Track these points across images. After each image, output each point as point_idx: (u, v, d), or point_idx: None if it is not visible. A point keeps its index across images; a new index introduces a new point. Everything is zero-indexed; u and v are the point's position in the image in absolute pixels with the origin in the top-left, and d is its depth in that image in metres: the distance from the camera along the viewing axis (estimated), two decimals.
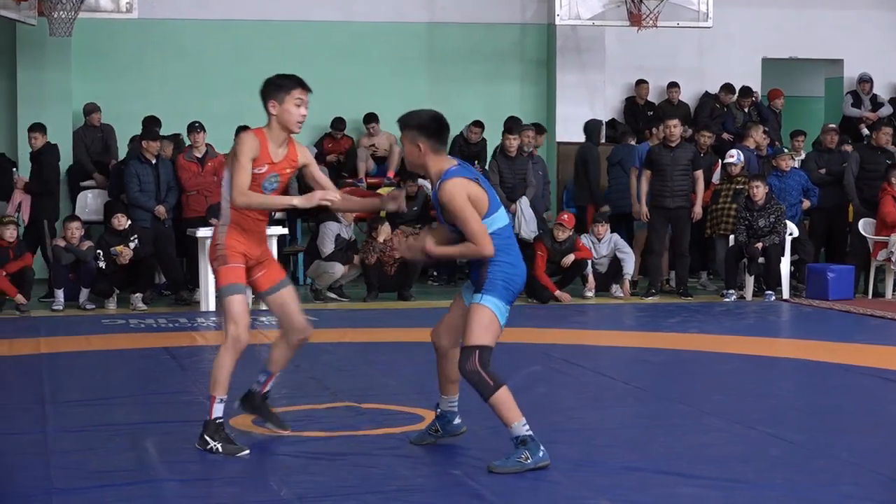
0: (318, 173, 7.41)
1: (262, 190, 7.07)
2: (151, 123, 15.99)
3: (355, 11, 18.48)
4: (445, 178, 6.71)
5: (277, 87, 7.21)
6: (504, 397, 6.73)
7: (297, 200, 7.05)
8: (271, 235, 14.05)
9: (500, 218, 6.82)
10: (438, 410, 7.30)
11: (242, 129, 11.05)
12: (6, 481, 6.57)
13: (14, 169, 15.16)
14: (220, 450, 7.00)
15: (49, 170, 15.37)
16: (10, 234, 13.98)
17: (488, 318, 6.75)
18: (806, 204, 15.94)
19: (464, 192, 6.69)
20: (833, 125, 17.71)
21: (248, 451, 7.05)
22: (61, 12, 15.44)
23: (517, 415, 6.73)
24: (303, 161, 7.30)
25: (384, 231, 14.94)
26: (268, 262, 7.36)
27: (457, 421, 7.30)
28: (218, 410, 7.09)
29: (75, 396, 8.98)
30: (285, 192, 7.41)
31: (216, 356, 7.15)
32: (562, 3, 17.33)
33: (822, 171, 16.37)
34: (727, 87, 18.84)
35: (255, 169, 7.02)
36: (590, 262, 15.10)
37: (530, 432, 6.68)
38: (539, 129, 17.11)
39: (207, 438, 7.04)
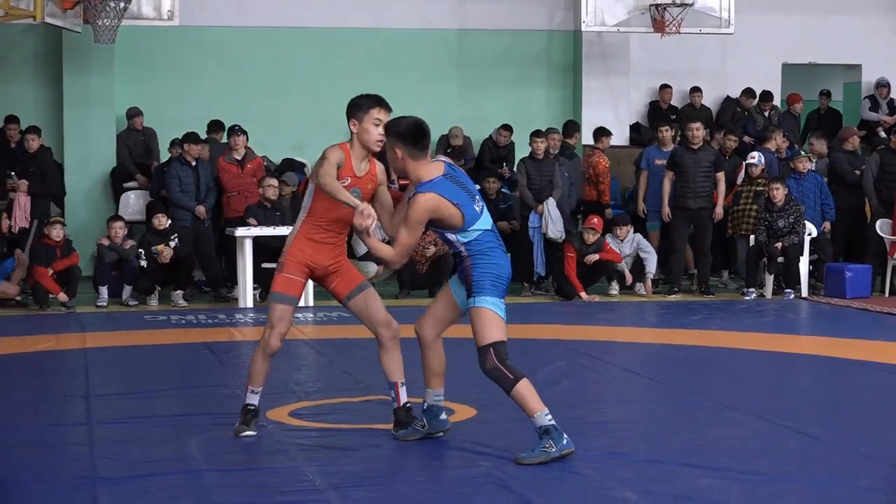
0: (384, 194, 7.32)
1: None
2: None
3: (387, 19, 18.48)
4: (420, 189, 6.70)
5: (358, 106, 7.24)
6: (525, 389, 6.73)
7: (361, 206, 6.83)
8: None
9: (483, 223, 6.82)
10: (425, 405, 7.25)
11: None
12: (53, 470, 6.59)
13: (11, 173, 15.06)
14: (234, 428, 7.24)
15: (52, 171, 15.40)
16: (58, 233, 14.05)
17: (489, 317, 6.79)
18: (826, 226, 15.81)
19: (426, 211, 6.68)
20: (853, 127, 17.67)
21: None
22: (105, 20, 15.50)
23: (539, 405, 6.72)
24: (381, 179, 7.27)
25: None
26: (343, 270, 7.37)
27: (443, 416, 7.26)
28: (249, 398, 7.26)
29: (118, 389, 9.01)
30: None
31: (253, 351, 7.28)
32: (588, 10, 17.30)
33: (858, 172, 16.22)
34: (748, 92, 18.80)
35: (339, 180, 6.98)
36: (621, 262, 15.10)
37: (553, 422, 6.67)
38: (574, 127, 17.13)
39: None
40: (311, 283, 14.18)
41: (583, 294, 14.74)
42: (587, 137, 18.44)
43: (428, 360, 7.24)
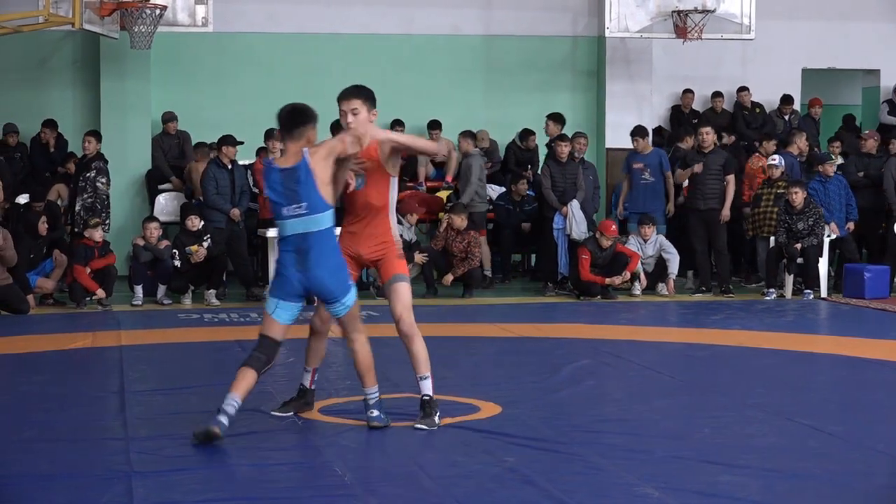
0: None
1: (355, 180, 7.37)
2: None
3: (416, 25, 18.49)
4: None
5: None
6: (240, 374, 7.17)
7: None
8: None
9: (282, 230, 7.09)
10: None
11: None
12: (89, 465, 6.61)
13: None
14: None
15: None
16: (99, 234, 14.14)
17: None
18: (850, 225, 15.77)
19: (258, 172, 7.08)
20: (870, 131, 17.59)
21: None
22: (142, 26, 15.56)
23: (238, 390, 7.12)
24: (382, 156, 7.45)
25: (457, 220, 15.05)
26: (385, 259, 7.48)
27: (373, 413, 7.34)
28: (304, 378, 7.77)
29: (152, 385, 9.04)
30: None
31: None
32: (611, 16, 17.27)
33: (861, 174, 16.25)
34: (743, 89, 18.81)
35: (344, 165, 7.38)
36: (636, 258, 15.09)
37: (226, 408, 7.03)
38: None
39: None
40: None
41: (606, 281, 14.74)
42: (610, 141, 18.42)
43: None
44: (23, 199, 15.45)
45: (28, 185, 15.91)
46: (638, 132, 16.04)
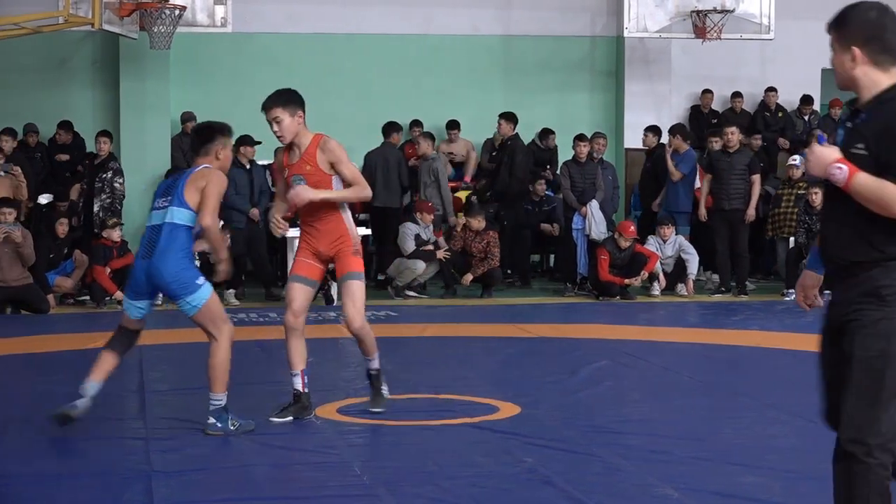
0: (342, 173, 7.65)
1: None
2: (246, 140, 16.07)
3: (434, 25, 18.49)
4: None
5: None
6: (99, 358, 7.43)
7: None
8: None
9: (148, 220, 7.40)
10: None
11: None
12: (109, 464, 6.62)
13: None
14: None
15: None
16: (117, 234, 14.19)
17: None
18: None
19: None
20: None
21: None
22: (161, 27, 15.59)
23: (94, 376, 7.34)
24: (324, 159, 7.60)
25: (474, 222, 15.07)
26: (340, 255, 7.62)
27: (210, 420, 7.40)
28: (295, 383, 7.69)
29: (173, 385, 9.06)
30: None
31: None
32: (630, 16, 17.24)
33: None
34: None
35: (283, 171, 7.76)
36: (659, 261, 15.07)
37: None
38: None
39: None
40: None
41: (626, 281, 14.73)
42: (629, 141, 18.39)
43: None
44: (44, 199, 15.52)
45: (48, 185, 15.96)
46: (677, 130, 16.07)
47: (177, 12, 15.59)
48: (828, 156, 4.36)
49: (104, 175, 15.10)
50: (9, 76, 17.52)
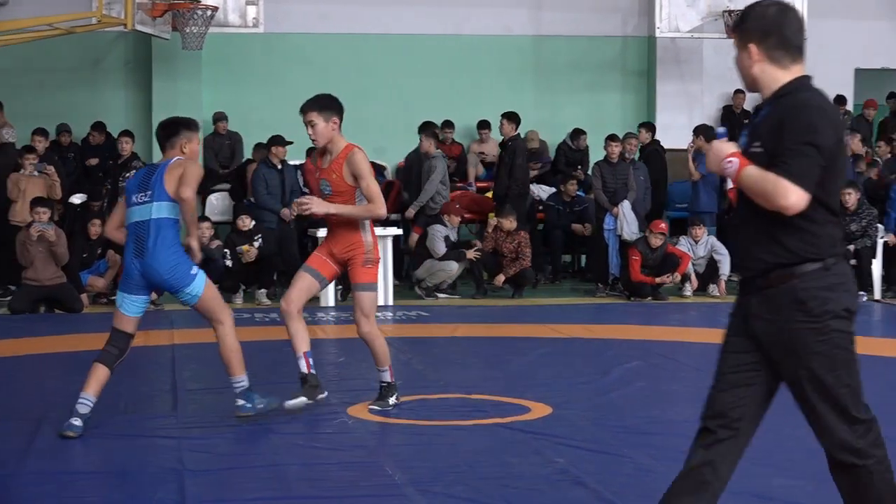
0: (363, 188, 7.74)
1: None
2: (278, 140, 16.09)
3: (466, 26, 18.50)
4: None
5: None
6: (92, 369, 7.38)
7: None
8: (385, 236, 14.19)
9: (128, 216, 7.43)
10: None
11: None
12: (142, 462, 6.66)
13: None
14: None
15: None
16: None
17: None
18: (892, 239, 15.53)
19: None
20: None
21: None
22: (193, 27, 15.65)
23: (91, 390, 7.32)
24: (349, 171, 7.69)
25: (505, 222, 15.07)
26: (352, 264, 7.78)
27: (239, 402, 7.60)
28: (300, 366, 7.83)
29: (205, 384, 9.09)
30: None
31: None
32: (662, 16, 17.21)
33: (894, 176, 16.15)
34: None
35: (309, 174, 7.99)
36: (690, 262, 15.04)
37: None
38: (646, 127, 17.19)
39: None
40: (391, 284, 14.26)
41: (657, 280, 14.70)
42: (661, 141, 18.34)
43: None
44: (77, 199, 15.59)
45: (81, 184, 16.05)
46: (701, 130, 16.07)
47: (209, 13, 15.65)
48: (722, 151, 4.32)
49: (127, 174, 15.13)
50: (42, 76, 17.63)
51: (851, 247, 14.69)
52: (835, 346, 4.39)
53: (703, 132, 16.13)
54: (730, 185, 4.26)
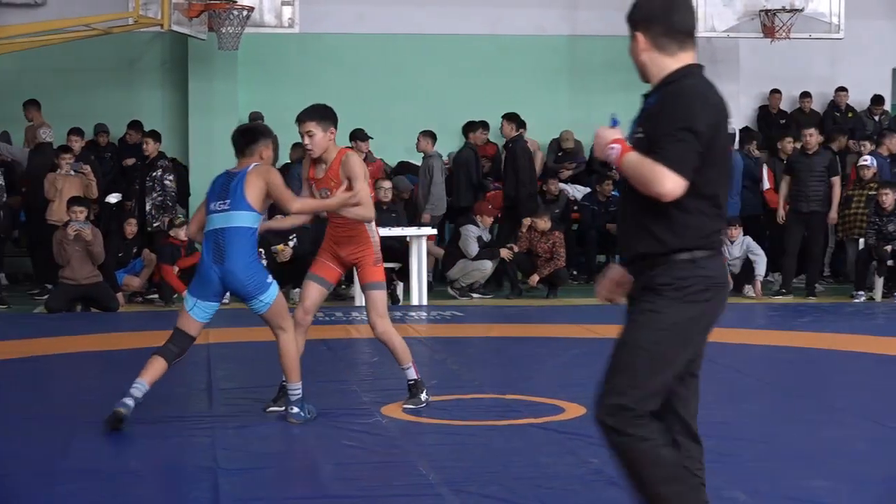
0: (355, 189, 7.77)
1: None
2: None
3: (500, 26, 18.48)
4: None
5: None
6: (149, 362, 7.47)
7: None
8: (419, 236, 14.19)
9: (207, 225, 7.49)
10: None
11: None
12: (177, 460, 6.68)
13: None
14: None
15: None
16: (184, 233, 14.27)
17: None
18: None
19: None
20: None
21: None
22: (229, 28, 15.70)
23: (146, 376, 7.38)
24: (345, 175, 7.75)
25: (540, 223, 15.06)
26: (361, 264, 7.90)
27: (293, 410, 7.59)
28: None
29: (239, 383, 9.11)
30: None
31: None
32: (697, 16, 17.02)
33: None
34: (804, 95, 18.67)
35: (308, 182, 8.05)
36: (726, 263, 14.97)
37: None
38: None
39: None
40: (424, 284, 14.27)
41: None
42: None
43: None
44: (113, 198, 15.66)
45: (117, 184, 16.12)
46: None
47: (245, 13, 15.69)
48: (606, 137, 4.31)
49: (154, 174, 15.18)
50: (80, 77, 17.73)
51: (889, 247, 14.59)
52: (691, 324, 4.39)
53: None
54: (766, 185, 4.23)
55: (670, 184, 4.14)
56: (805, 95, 18.71)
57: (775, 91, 18.79)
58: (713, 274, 4.35)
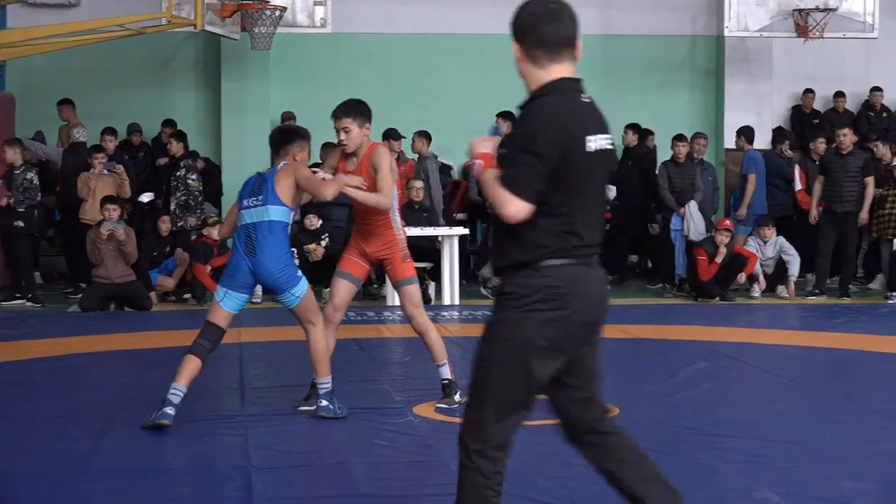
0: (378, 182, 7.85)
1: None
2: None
3: None
4: None
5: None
6: (185, 360, 7.54)
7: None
8: (452, 235, 14.20)
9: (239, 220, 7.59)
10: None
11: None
12: (210, 458, 6.71)
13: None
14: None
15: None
16: (217, 232, 14.32)
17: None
18: None
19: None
20: None
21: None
22: (262, 28, 15.75)
23: (181, 379, 7.44)
24: (372, 168, 7.83)
25: None
26: (391, 262, 7.95)
27: (322, 403, 7.67)
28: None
29: (271, 382, 9.15)
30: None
31: None
32: (731, 15, 17.08)
33: None
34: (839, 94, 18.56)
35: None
36: (759, 263, 14.91)
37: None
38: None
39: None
40: (456, 284, 14.27)
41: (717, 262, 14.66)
42: (729, 141, 18.21)
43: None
44: (146, 197, 15.73)
45: (151, 183, 16.19)
46: (742, 132, 16.09)
47: (277, 13, 15.74)
48: (475, 149, 4.32)
49: (178, 173, 15.21)
50: (113, 77, 17.82)
51: None
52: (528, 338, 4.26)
53: (745, 133, 16.14)
54: (797, 186, 4.19)
55: (512, 208, 4.12)
56: (839, 95, 18.62)
57: (809, 91, 18.71)
58: (558, 284, 4.23)
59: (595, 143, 4.27)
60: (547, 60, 4.30)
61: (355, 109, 7.81)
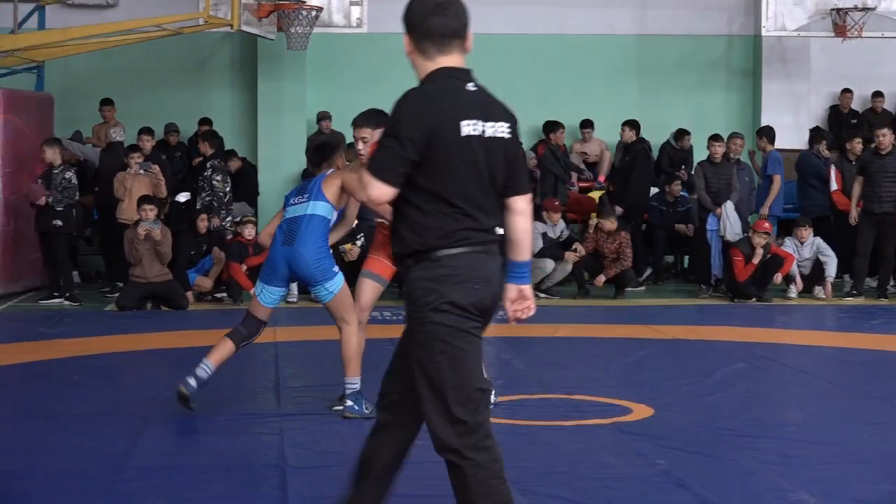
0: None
1: None
2: None
3: (569, 25, 18.43)
4: None
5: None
6: (217, 344, 7.79)
7: None
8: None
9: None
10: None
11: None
12: (246, 458, 6.74)
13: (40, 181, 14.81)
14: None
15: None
16: (249, 231, 14.37)
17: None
18: None
19: None
20: None
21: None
22: (298, 28, 15.78)
23: (213, 358, 7.68)
24: None
25: (606, 223, 15.02)
26: None
27: (347, 403, 7.72)
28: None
29: (307, 382, 9.18)
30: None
31: None
32: (768, 15, 17.00)
33: None
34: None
35: None
36: (795, 263, 14.83)
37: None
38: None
39: None
40: None
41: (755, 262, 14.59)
42: None
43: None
44: (182, 197, 15.79)
45: (187, 183, 16.26)
46: (764, 133, 16.09)
47: (313, 13, 15.77)
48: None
49: (205, 173, 15.24)
50: (151, 77, 17.90)
51: None
52: (434, 338, 4.33)
53: (766, 133, 16.08)
54: (834, 186, 4.16)
55: (374, 191, 4.25)
56: (877, 95, 18.51)
57: (846, 91, 18.59)
58: (457, 273, 4.31)
59: (473, 127, 4.40)
60: (436, 52, 4.47)
61: (375, 119, 7.79)
